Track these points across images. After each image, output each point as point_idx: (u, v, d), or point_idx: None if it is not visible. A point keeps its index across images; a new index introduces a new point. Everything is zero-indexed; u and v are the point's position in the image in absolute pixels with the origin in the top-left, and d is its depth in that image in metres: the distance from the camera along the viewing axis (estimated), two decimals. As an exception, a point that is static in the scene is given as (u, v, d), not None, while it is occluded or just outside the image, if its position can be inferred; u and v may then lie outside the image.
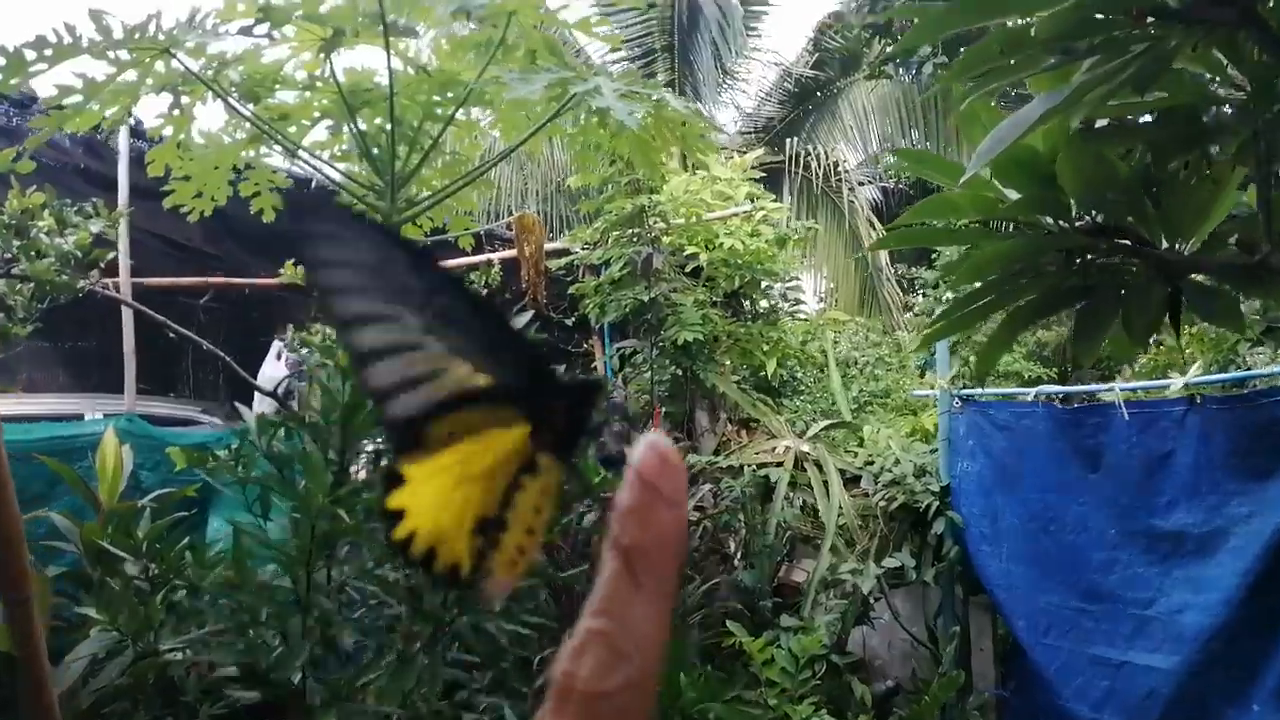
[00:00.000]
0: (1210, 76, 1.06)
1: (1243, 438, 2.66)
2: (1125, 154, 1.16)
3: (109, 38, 1.80)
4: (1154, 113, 1.10)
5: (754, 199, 4.81)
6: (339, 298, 0.38)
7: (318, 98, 2.47)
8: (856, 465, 3.84)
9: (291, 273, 3.64)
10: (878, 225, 7.43)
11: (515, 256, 3.99)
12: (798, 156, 8.09)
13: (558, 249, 4.68)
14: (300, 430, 1.42)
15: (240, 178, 2.18)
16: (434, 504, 0.38)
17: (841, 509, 3.60)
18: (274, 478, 1.45)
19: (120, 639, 1.81)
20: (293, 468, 1.44)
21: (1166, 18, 0.91)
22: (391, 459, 0.40)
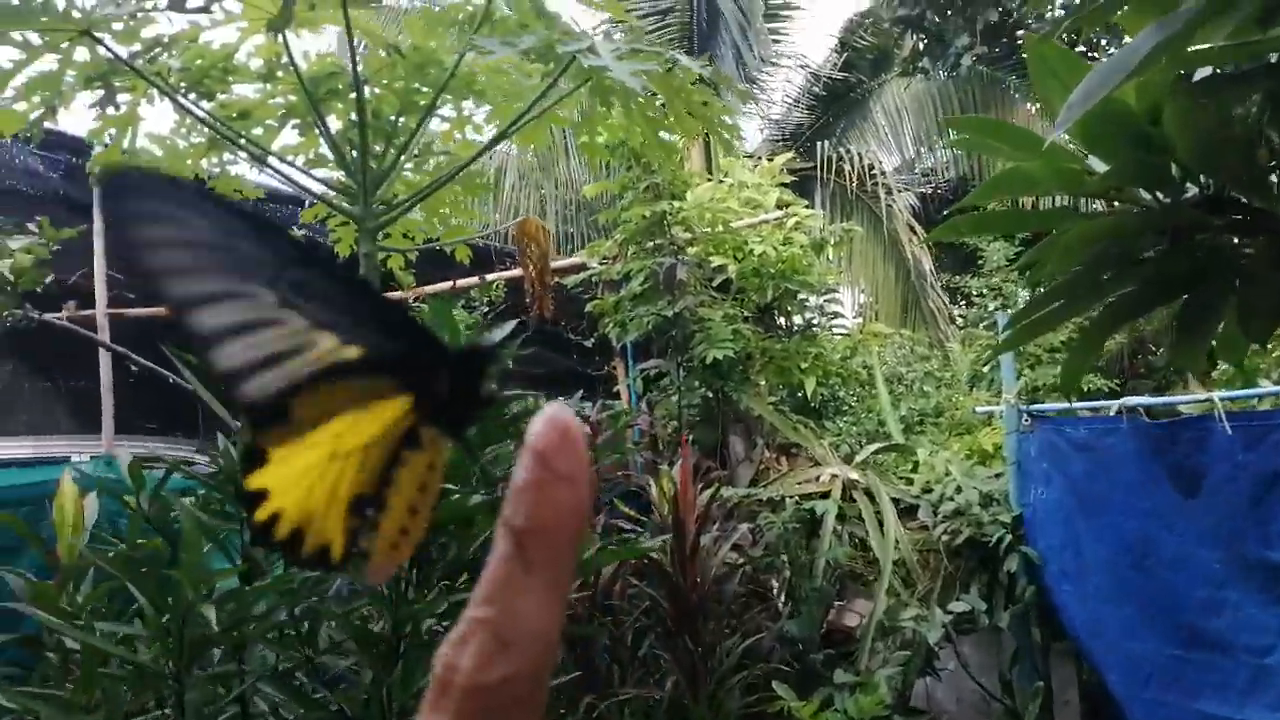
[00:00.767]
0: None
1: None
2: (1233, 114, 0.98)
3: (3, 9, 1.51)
4: (1277, 55, 0.91)
5: (785, 205, 4.47)
6: (171, 280, 0.35)
7: (280, 91, 2.17)
8: (912, 494, 3.51)
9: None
10: (919, 229, 7.02)
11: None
12: (829, 161, 7.74)
13: (574, 264, 4.37)
14: (209, 486, 1.08)
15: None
16: (301, 483, 0.37)
17: (898, 544, 3.26)
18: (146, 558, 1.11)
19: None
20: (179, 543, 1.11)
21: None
22: (251, 438, 0.37)
